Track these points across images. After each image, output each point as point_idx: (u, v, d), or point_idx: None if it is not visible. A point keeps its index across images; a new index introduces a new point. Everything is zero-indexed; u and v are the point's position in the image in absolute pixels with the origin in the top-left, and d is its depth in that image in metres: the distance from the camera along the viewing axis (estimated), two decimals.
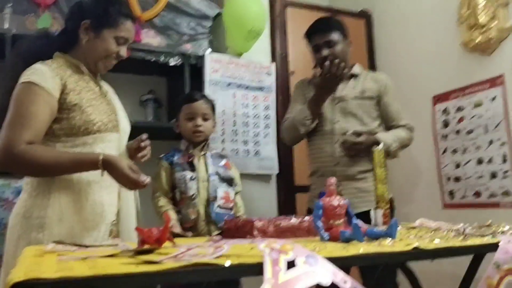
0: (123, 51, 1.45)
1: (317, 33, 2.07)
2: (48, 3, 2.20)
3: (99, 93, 1.43)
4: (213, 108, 2.01)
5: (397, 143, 1.98)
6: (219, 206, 1.86)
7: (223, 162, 1.98)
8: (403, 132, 2.04)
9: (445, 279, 2.06)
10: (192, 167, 1.89)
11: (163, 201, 1.86)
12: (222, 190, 1.90)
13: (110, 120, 1.39)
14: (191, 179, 1.86)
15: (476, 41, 2.29)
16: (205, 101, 1.98)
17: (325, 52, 2.02)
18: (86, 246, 1.05)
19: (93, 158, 1.26)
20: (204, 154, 1.95)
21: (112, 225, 1.36)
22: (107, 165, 1.26)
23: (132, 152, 1.50)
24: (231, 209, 1.92)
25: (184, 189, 1.85)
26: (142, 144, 1.48)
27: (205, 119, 1.95)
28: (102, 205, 1.33)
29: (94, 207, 1.32)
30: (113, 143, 1.40)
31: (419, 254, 0.83)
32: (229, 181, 1.96)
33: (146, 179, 1.27)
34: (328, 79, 1.91)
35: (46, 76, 1.29)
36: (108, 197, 1.35)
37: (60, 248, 0.98)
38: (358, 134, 1.95)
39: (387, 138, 1.97)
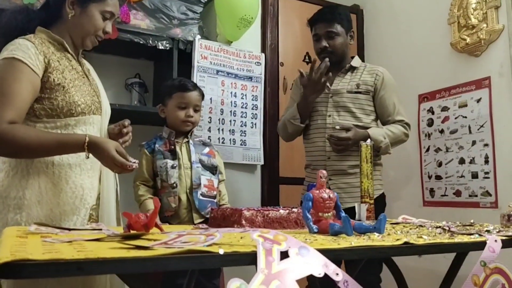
0: (109, 27, 1.42)
1: (319, 22, 2.04)
2: None
3: (81, 73, 1.39)
4: (203, 98, 2.01)
5: (389, 139, 1.96)
6: (202, 194, 1.85)
7: (206, 149, 1.97)
8: (397, 128, 2.00)
9: (423, 276, 2.09)
10: (174, 155, 1.87)
11: (142, 190, 1.84)
12: (205, 178, 1.89)
13: (93, 102, 1.36)
14: (172, 167, 1.84)
15: (466, 42, 2.32)
16: (198, 92, 1.97)
17: (324, 43, 2.01)
18: (69, 229, 1.02)
19: (79, 140, 1.22)
20: (187, 142, 1.93)
21: (92, 210, 1.33)
22: (93, 147, 1.22)
23: (113, 136, 1.46)
24: (214, 197, 1.91)
25: (165, 177, 1.83)
26: (124, 130, 1.44)
27: (196, 110, 1.94)
28: (83, 188, 1.30)
29: (74, 191, 1.28)
30: (95, 126, 1.36)
31: (408, 249, 0.84)
32: (213, 169, 1.94)
33: (133, 163, 1.24)
34: (315, 82, 1.90)
35: (30, 53, 1.24)
36: (88, 180, 1.32)
37: (43, 229, 0.95)
38: (346, 129, 1.93)
39: (378, 133, 1.95)
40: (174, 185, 1.82)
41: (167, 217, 1.84)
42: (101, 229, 1.02)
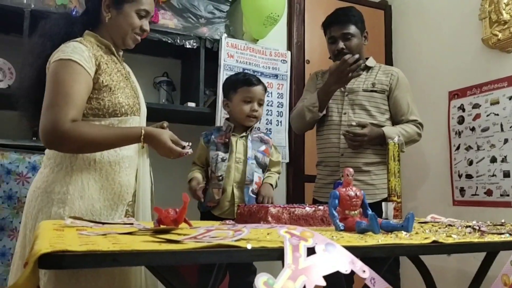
0: (146, 25, 1.47)
1: (334, 24, 2.06)
2: None
3: (125, 75, 1.45)
4: (266, 93, 2.04)
5: (403, 137, 1.95)
6: (252, 191, 1.89)
7: (263, 147, 1.99)
8: (410, 127, 2.01)
9: (452, 276, 2.06)
10: (226, 148, 1.91)
11: (194, 167, 1.95)
12: (257, 175, 1.92)
13: (134, 103, 1.42)
14: (222, 160, 1.88)
15: (497, 37, 2.25)
16: (263, 87, 2.01)
17: (341, 45, 2.03)
18: (102, 223, 1.06)
19: (136, 132, 1.31)
20: (246, 137, 1.95)
21: (128, 206, 1.38)
22: (149, 139, 1.31)
23: None
24: None
25: (214, 169, 1.88)
26: None
27: (260, 105, 1.97)
28: (121, 185, 1.35)
29: (114, 187, 1.34)
30: (135, 126, 1.41)
31: (437, 248, 0.83)
32: (264, 168, 1.98)
33: (187, 149, 1.35)
34: (341, 72, 1.90)
35: (85, 55, 1.30)
36: (126, 178, 1.37)
37: (78, 223, 0.99)
38: (362, 126, 1.95)
39: (393, 131, 1.96)
40: (220, 177, 1.87)
41: (209, 207, 1.88)
42: (132, 224, 1.05)
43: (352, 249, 0.73)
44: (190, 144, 1.38)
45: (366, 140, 1.91)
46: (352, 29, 2.04)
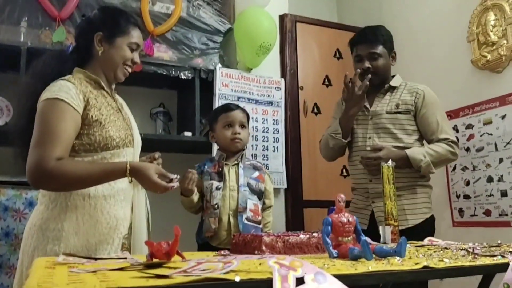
0: (137, 57, 1.50)
1: (362, 43, 2.00)
2: (62, 17, 2.24)
3: (116, 108, 1.46)
4: (248, 118, 2.04)
5: (430, 157, 1.84)
6: (247, 219, 1.87)
7: (256, 174, 1.99)
8: (440, 147, 1.88)
9: None
10: (220, 177, 1.92)
11: None
12: (251, 202, 1.91)
13: (126, 135, 1.42)
14: (217, 188, 1.88)
15: (486, 58, 2.30)
16: (242, 111, 2.02)
17: (367, 64, 1.97)
18: (96, 259, 1.06)
19: (121, 167, 1.29)
20: (237, 165, 1.96)
21: (124, 239, 1.38)
22: (135, 173, 1.30)
23: None
24: (259, 222, 1.92)
25: (209, 198, 1.88)
26: (155, 162, 1.49)
27: (242, 127, 1.97)
28: (116, 219, 1.35)
29: (109, 221, 1.34)
30: (128, 157, 1.42)
31: (428, 273, 0.83)
32: (260, 194, 1.96)
33: (174, 184, 1.33)
34: (351, 96, 1.89)
35: (72, 93, 1.32)
36: (122, 211, 1.38)
37: (71, 260, 0.99)
38: (377, 149, 1.87)
39: (417, 152, 1.86)
40: (216, 206, 1.87)
41: (207, 238, 1.87)
42: (125, 258, 1.05)
43: (341, 278, 0.73)
44: (178, 176, 1.36)
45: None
46: (380, 48, 1.98)
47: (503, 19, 2.23)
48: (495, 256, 1.01)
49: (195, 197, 1.88)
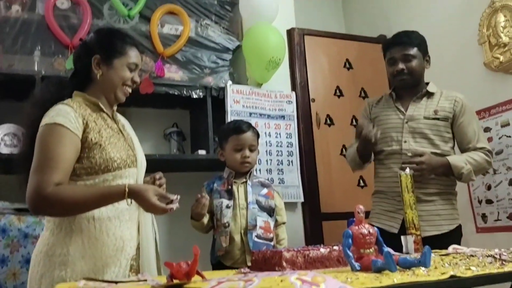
0: (136, 77, 1.49)
1: (395, 45, 2.01)
2: (75, 44, 2.28)
3: (116, 130, 1.46)
4: (258, 137, 2.03)
5: (470, 166, 1.85)
6: (257, 236, 1.85)
7: (264, 190, 1.97)
8: (478, 155, 1.89)
9: None
10: (230, 195, 1.90)
11: None
12: (261, 220, 1.88)
13: (128, 156, 1.42)
14: (227, 207, 1.87)
15: (499, 60, 2.27)
16: (253, 133, 2.00)
17: (401, 65, 1.97)
18: (116, 282, 1.05)
19: (120, 190, 1.27)
20: (245, 182, 1.95)
21: (132, 260, 1.37)
22: (134, 196, 1.28)
23: None
24: (271, 240, 1.89)
25: (220, 216, 1.86)
26: (157, 182, 1.48)
27: (251, 150, 1.97)
28: (123, 240, 1.34)
29: (115, 243, 1.32)
30: (131, 178, 1.42)
31: (456, 282, 0.81)
32: (270, 211, 1.94)
33: (173, 205, 1.29)
34: (364, 141, 1.89)
35: (70, 117, 1.32)
36: (128, 232, 1.36)
37: (91, 284, 0.98)
38: (418, 155, 1.86)
39: (459, 160, 1.86)
40: (226, 224, 1.85)
41: (219, 257, 1.85)
42: (146, 280, 1.04)
43: None
44: (178, 197, 1.32)
45: (426, 168, 1.82)
46: (414, 51, 1.98)
47: None
48: None
49: (205, 219, 1.87)
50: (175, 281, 0.94)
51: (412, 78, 1.99)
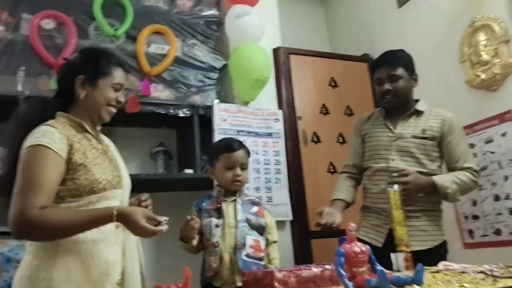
0: (122, 97, 1.48)
1: (381, 66, 2.04)
2: (59, 64, 2.26)
3: (101, 151, 1.43)
4: (249, 156, 2.01)
5: (456, 185, 1.87)
6: (247, 255, 1.80)
7: (255, 209, 1.94)
8: (465, 175, 1.91)
9: None
10: (219, 214, 1.87)
11: None
12: (251, 238, 1.84)
13: (113, 177, 1.39)
14: (216, 226, 1.84)
15: (481, 78, 2.32)
16: (244, 151, 1.98)
17: (387, 86, 1.99)
18: None
19: (107, 213, 1.25)
20: (235, 200, 1.92)
21: (118, 285, 1.33)
22: (122, 219, 1.25)
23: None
24: (261, 259, 1.85)
25: (209, 236, 1.83)
26: (143, 204, 1.46)
27: (243, 169, 1.94)
28: (107, 264, 1.30)
29: (100, 266, 1.29)
30: (116, 200, 1.39)
31: None
32: (260, 230, 1.90)
33: (163, 227, 1.27)
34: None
35: (55, 138, 1.30)
36: (113, 255, 1.33)
37: None
38: (404, 175, 1.88)
39: (445, 179, 1.88)
40: (216, 244, 1.81)
41: (209, 278, 1.81)
42: None
43: None
44: (167, 219, 1.30)
45: (412, 188, 1.83)
46: (400, 70, 2.00)
47: (494, 38, 2.27)
48: None
49: (195, 241, 1.82)
50: None
51: (398, 99, 2.01)
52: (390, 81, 2.00)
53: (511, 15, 2.19)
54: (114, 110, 1.48)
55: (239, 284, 1.75)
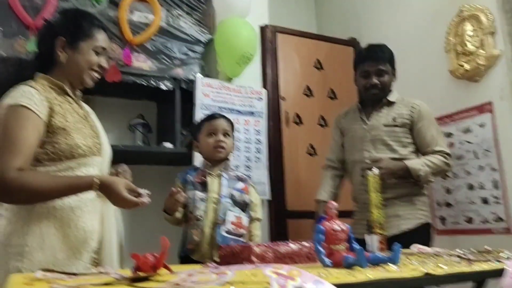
0: (104, 62, 1.42)
1: (370, 60, 2.11)
2: (37, 25, 2.16)
3: (82, 116, 1.39)
4: (232, 127, 2.00)
5: (428, 168, 1.96)
6: (227, 231, 1.79)
7: (240, 185, 1.92)
8: (436, 158, 2.00)
9: None
10: (203, 187, 1.85)
11: None
12: (233, 214, 1.83)
13: (94, 143, 1.35)
14: (201, 199, 1.82)
15: (464, 68, 2.34)
16: (226, 120, 1.97)
17: (375, 80, 2.07)
18: (76, 274, 0.99)
19: (87, 182, 1.22)
20: (221, 175, 1.90)
21: (95, 253, 1.31)
22: (102, 188, 1.22)
23: None
24: (241, 236, 1.84)
25: (192, 208, 1.81)
26: (120, 176, 1.43)
27: (226, 135, 1.92)
28: (84, 231, 1.28)
29: (77, 234, 1.26)
30: (96, 167, 1.35)
31: (429, 280, 0.81)
32: (244, 206, 1.89)
33: (145, 199, 1.25)
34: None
35: (35, 99, 1.25)
36: (90, 223, 1.30)
37: (50, 275, 0.92)
38: (376, 161, 1.96)
39: (416, 163, 1.97)
40: (199, 217, 1.79)
41: (189, 250, 1.80)
42: (108, 272, 0.99)
43: (342, 286, 0.70)
44: (149, 193, 1.27)
45: (385, 172, 1.88)
46: (386, 66, 2.10)
47: (480, 29, 2.28)
48: (489, 261, 1.00)
49: (179, 214, 1.81)
50: (141, 273, 0.89)
51: (383, 92, 2.11)
52: (377, 75, 2.08)
53: (499, 6, 2.20)
54: (97, 75, 1.42)
55: (216, 259, 1.74)
